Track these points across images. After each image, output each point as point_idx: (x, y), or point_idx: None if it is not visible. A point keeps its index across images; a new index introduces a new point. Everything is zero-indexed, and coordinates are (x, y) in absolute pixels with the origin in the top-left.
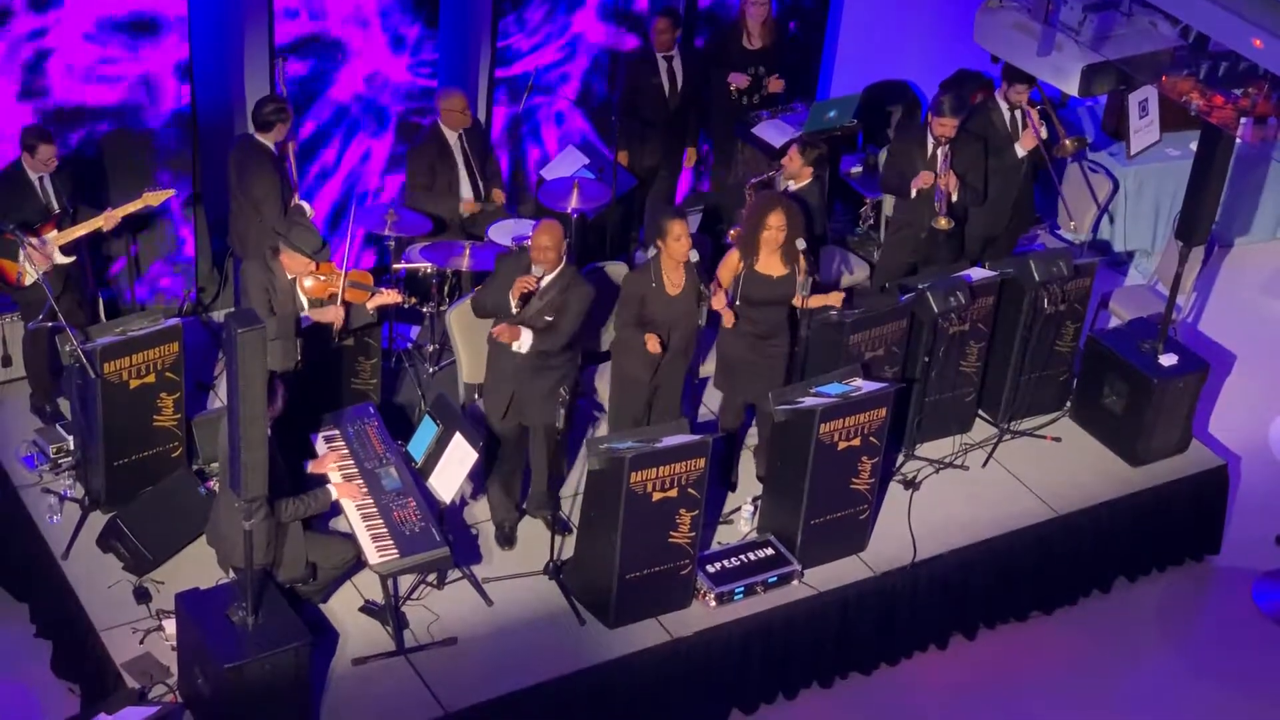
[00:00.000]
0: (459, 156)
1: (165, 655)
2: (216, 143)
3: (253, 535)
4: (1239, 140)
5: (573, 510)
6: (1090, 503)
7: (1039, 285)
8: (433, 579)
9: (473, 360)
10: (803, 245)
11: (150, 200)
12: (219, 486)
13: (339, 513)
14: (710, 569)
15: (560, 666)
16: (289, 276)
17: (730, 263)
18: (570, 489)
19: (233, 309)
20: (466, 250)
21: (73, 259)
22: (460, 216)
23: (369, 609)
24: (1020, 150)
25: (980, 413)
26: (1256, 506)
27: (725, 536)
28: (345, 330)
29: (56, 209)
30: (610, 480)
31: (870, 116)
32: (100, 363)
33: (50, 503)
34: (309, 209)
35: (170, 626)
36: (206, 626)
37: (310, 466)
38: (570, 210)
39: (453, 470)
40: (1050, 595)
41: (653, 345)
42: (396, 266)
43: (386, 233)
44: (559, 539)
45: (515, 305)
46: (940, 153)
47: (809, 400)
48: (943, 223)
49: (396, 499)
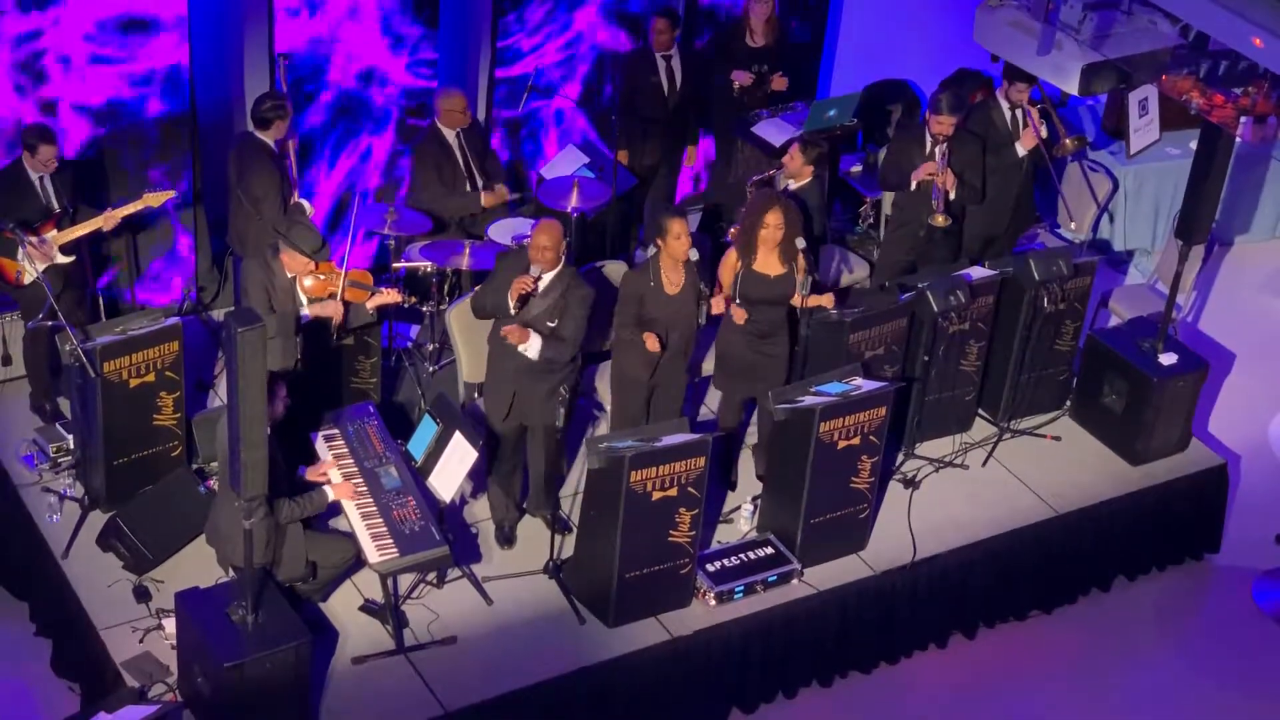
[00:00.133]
0: (459, 155)
1: (165, 654)
2: (217, 142)
3: (252, 534)
4: (1239, 139)
5: (573, 509)
6: (1090, 502)
7: (1039, 284)
8: (432, 578)
9: (473, 359)
10: (802, 244)
11: (150, 201)
12: (218, 485)
13: (339, 512)
14: (710, 568)
15: (560, 666)
16: (289, 275)
17: (730, 262)
18: (570, 488)
19: (232, 308)
20: (466, 249)
21: (72, 259)
22: (481, 210)
23: (369, 608)
24: (1021, 149)
25: (980, 412)
26: (1256, 505)
27: (725, 535)
28: (345, 329)
29: (56, 209)
30: (610, 479)
31: (870, 115)
32: (100, 362)
33: (50, 502)
34: (309, 207)
35: (170, 625)
36: (206, 625)
37: (307, 474)
38: (570, 209)
39: (452, 469)
40: (1050, 594)
41: (651, 344)
42: (396, 265)
43: (386, 231)
44: (559, 538)
45: (514, 306)
46: (938, 151)
47: (809, 399)
48: (940, 220)
49: (396, 498)
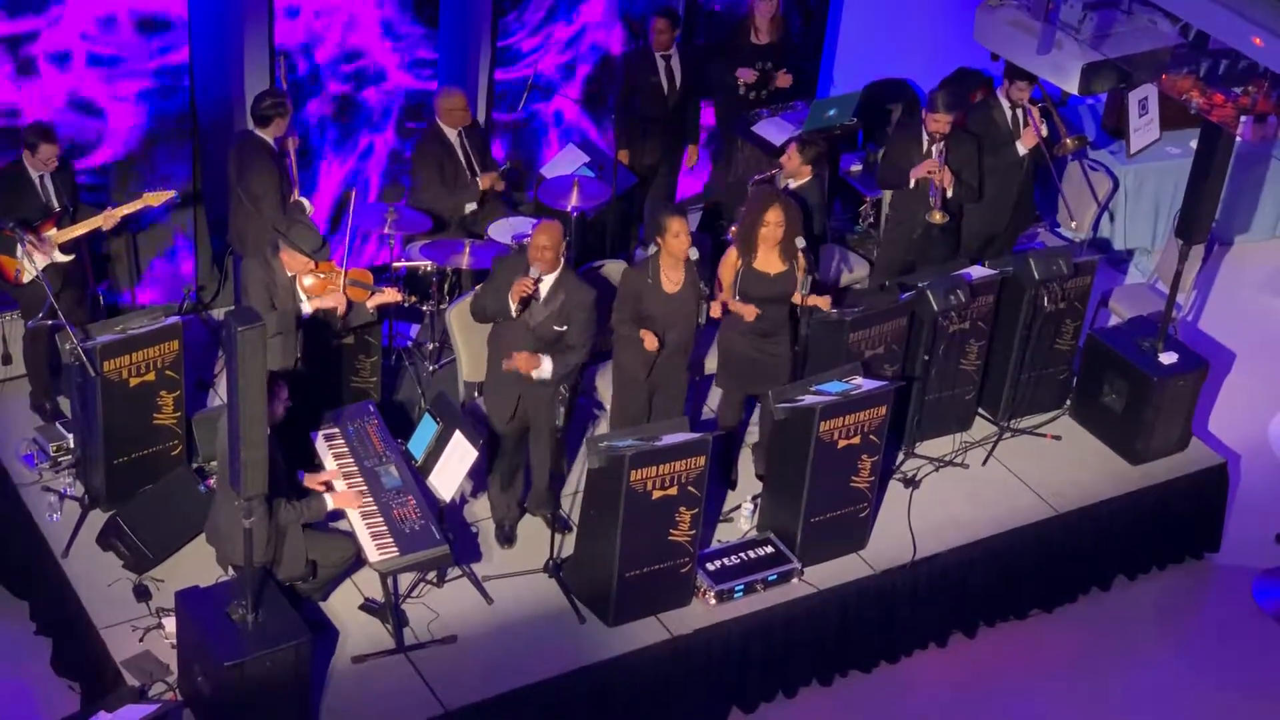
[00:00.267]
0: (461, 154)
1: (165, 653)
2: (217, 142)
3: (252, 533)
4: (1239, 138)
5: (573, 508)
6: (1090, 501)
7: (1039, 283)
8: (432, 577)
9: (473, 358)
10: (802, 243)
11: (150, 200)
12: (218, 484)
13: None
14: (710, 567)
15: (560, 665)
16: (289, 274)
17: (730, 260)
18: (570, 487)
19: (233, 307)
20: (466, 248)
21: (72, 257)
22: (478, 198)
23: (369, 607)
24: (1021, 148)
25: (980, 411)
26: (1256, 505)
27: (725, 534)
28: (345, 328)
29: (56, 207)
30: (610, 478)
31: (870, 115)
32: (100, 361)
33: (50, 501)
34: (309, 206)
35: (170, 624)
36: (206, 624)
37: (305, 481)
38: (570, 208)
39: (453, 468)
40: (1050, 593)
41: (649, 342)
42: (396, 265)
43: (386, 230)
44: (559, 537)
45: (515, 309)
46: (935, 149)
47: (809, 398)
48: (937, 217)
49: (396, 497)
